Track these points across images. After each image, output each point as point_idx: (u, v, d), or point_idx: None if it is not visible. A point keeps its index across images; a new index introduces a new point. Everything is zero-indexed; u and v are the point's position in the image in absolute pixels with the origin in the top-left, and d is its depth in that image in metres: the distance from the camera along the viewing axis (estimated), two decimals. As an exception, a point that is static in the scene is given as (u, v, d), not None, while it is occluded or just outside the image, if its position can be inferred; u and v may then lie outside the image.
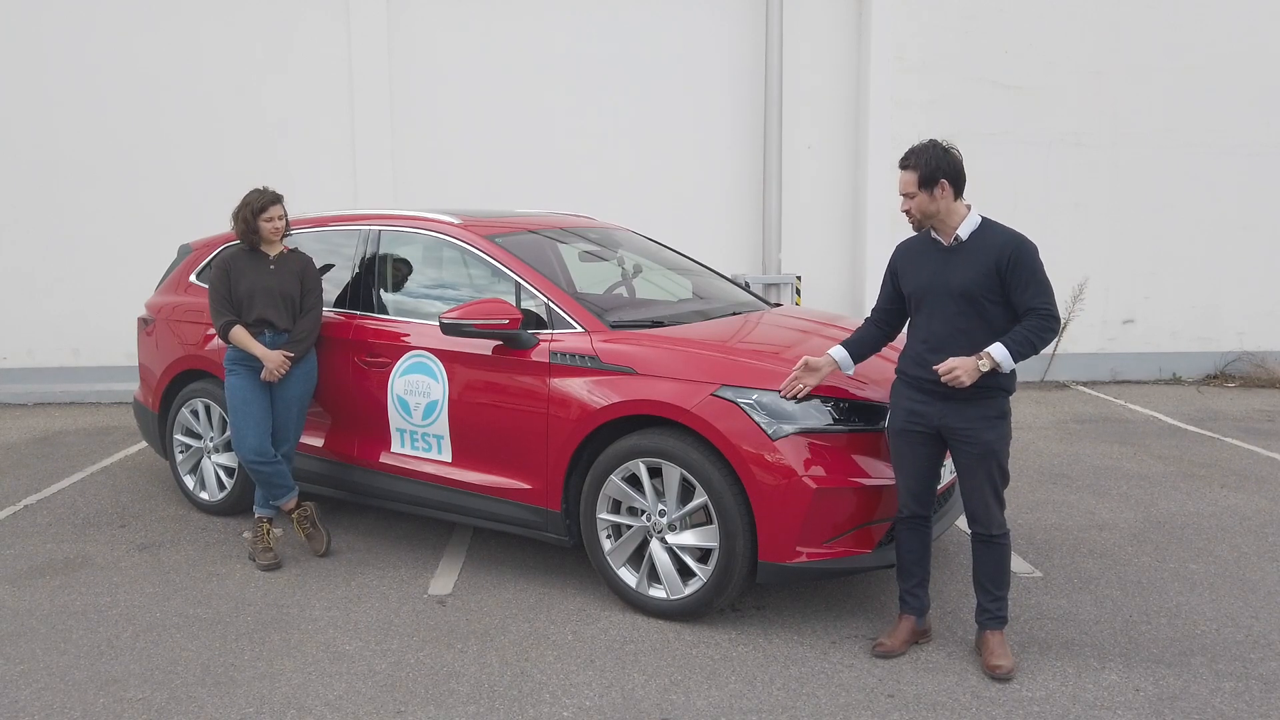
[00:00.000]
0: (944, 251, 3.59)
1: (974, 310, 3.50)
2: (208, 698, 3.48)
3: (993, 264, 3.46)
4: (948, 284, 3.52)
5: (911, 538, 3.75)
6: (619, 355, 4.12)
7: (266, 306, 4.64)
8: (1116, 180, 9.48)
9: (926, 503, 3.71)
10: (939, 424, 3.57)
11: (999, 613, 3.66)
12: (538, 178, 9.08)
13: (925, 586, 3.81)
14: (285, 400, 4.73)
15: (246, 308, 4.64)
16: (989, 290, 3.48)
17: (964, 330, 3.51)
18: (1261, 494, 5.85)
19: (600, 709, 3.38)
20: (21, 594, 4.42)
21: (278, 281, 4.68)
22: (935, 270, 3.57)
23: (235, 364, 4.67)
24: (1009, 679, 3.55)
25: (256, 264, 4.70)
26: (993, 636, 3.66)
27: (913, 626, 3.81)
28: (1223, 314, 9.75)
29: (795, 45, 9.17)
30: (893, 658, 3.73)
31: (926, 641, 3.86)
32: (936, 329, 3.55)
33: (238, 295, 4.64)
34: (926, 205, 3.54)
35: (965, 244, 3.54)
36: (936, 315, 3.56)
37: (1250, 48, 9.41)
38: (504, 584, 4.48)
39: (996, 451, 3.55)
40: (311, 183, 8.77)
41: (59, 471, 6.47)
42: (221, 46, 8.85)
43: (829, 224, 9.49)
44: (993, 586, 3.65)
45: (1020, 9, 9.29)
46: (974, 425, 3.51)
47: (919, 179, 3.52)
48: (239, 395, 4.64)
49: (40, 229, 8.87)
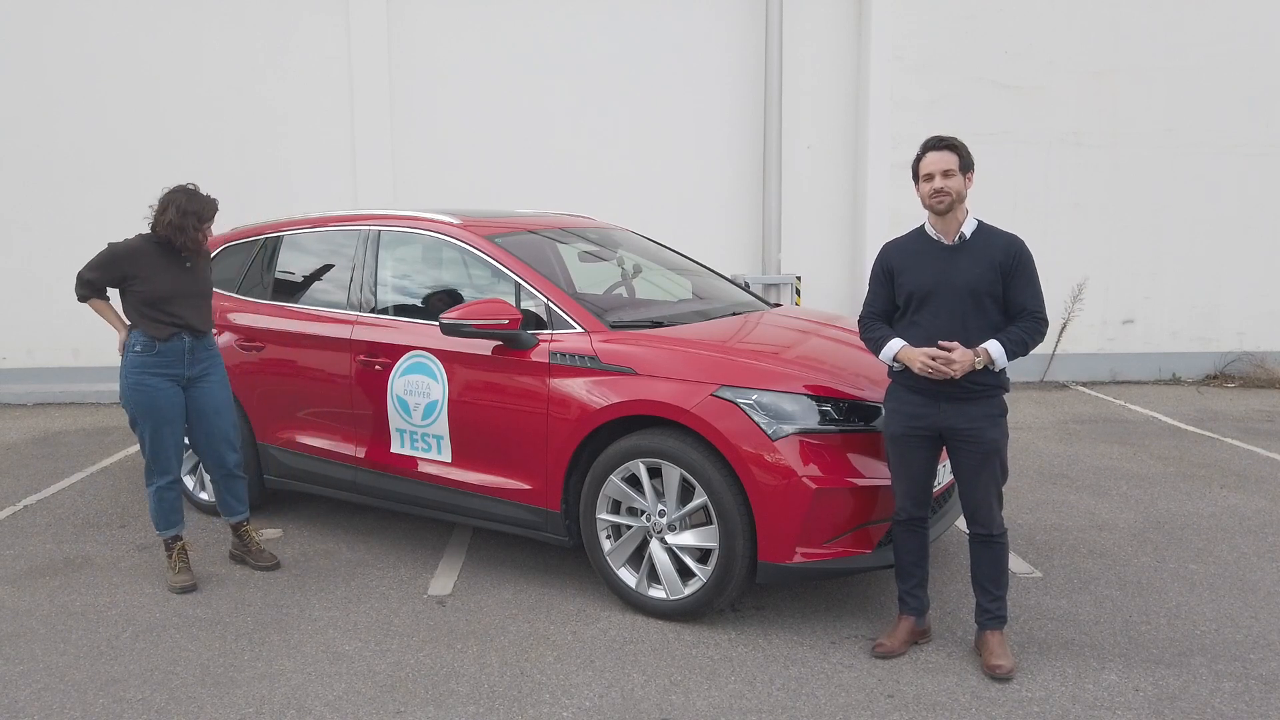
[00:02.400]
0: (947, 250, 3.60)
1: (979, 307, 3.53)
2: (207, 698, 3.48)
3: (996, 262, 3.51)
4: (954, 282, 3.54)
5: (910, 540, 3.75)
6: (619, 355, 4.12)
7: (188, 309, 4.33)
8: (1116, 180, 9.49)
9: (924, 504, 3.71)
10: (942, 426, 3.57)
11: (999, 612, 3.67)
12: (538, 178, 9.08)
13: (924, 587, 3.81)
14: (214, 410, 4.43)
15: (165, 310, 4.28)
16: (993, 287, 3.52)
17: (969, 327, 3.53)
18: (1261, 494, 5.85)
19: (600, 709, 3.38)
20: (21, 594, 4.42)
21: (196, 282, 4.39)
22: (940, 268, 3.58)
23: (143, 371, 4.28)
24: (1009, 679, 3.55)
25: (170, 261, 4.32)
26: (992, 636, 3.66)
27: (912, 627, 3.81)
28: (1222, 314, 9.75)
29: (795, 45, 9.18)
30: (893, 658, 3.73)
31: (926, 641, 3.86)
32: (942, 326, 3.56)
33: (152, 295, 4.26)
34: (961, 188, 3.56)
35: (969, 242, 3.57)
36: (943, 313, 3.57)
37: (1250, 48, 9.41)
38: (503, 584, 4.48)
39: (1000, 449, 3.57)
40: (311, 183, 8.79)
41: (59, 472, 6.47)
42: (222, 46, 8.86)
43: (829, 224, 9.49)
44: (992, 586, 3.66)
45: (1020, 9, 9.30)
46: (978, 424, 3.52)
47: (960, 162, 3.56)
48: (157, 410, 4.28)
49: (40, 229, 8.88)
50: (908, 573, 3.79)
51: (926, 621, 3.87)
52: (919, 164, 3.62)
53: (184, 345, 4.34)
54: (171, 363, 4.32)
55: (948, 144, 3.59)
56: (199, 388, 4.43)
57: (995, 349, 3.45)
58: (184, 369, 4.36)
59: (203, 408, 4.44)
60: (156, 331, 4.29)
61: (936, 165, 3.56)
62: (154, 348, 4.29)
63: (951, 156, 3.56)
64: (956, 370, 3.43)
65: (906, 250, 3.71)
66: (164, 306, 4.29)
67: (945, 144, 3.59)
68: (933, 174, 3.55)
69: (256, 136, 8.92)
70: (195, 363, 4.40)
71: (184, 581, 4.43)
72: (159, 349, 4.30)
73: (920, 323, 3.62)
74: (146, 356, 4.29)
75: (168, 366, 4.31)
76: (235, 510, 4.68)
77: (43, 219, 8.87)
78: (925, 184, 3.59)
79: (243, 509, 4.70)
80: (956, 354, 3.44)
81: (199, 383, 4.43)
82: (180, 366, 4.35)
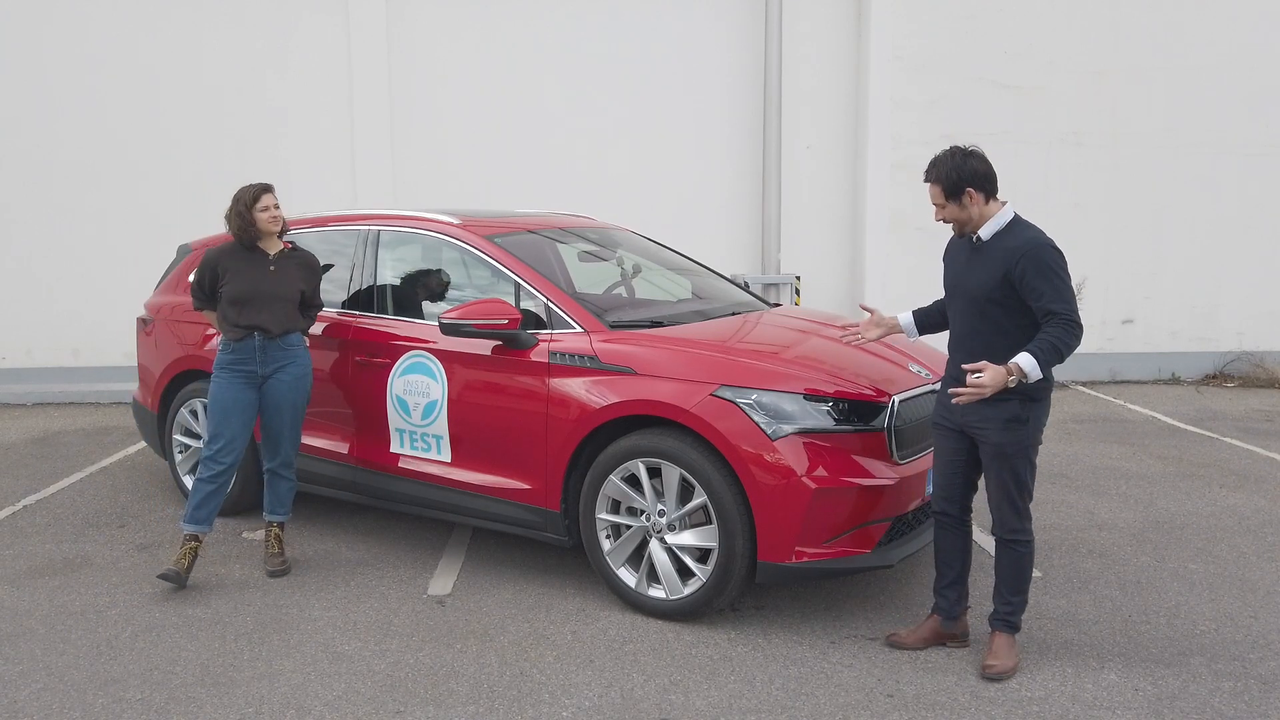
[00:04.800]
0: (971, 250, 3.58)
1: (984, 315, 3.48)
2: (207, 698, 3.48)
3: (1004, 269, 3.41)
4: (965, 284, 3.54)
5: (941, 536, 3.73)
6: (618, 355, 4.12)
7: (261, 311, 4.43)
8: (1116, 180, 9.48)
9: (954, 500, 3.66)
10: (961, 421, 3.56)
11: (1008, 616, 3.62)
12: (537, 178, 9.08)
13: (956, 588, 3.74)
14: (275, 407, 4.52)
15: (240, 310, 4.43)
16: (997, 294, 3.43)
17: (976, 331, 3.51)
18: (1261, 494, 5.85)
19: (599, 709, 3.38)
20: (21, 594, 4.42)
21: (276, 284, 4.49)
22: (961, 269, 3.59)
23: (223, 369, 4.47)
24: (999, 680, 3.52)
25: (254, 263, 4.49)
26: (997, 638, 3.64)
27: (936, 627, 3.76)
28: (1222, 314, 9.75)
29: (795, 45, 9.17)
30: (901, 649, 3.73)
31: (958, 646, 3.77)
32: (957, 327, 3.60)
33: (231, 296, 4.42)
34: (959, 214, 3.52)
35: (986, 245, 3.51)
36: (957, 314, 3.61)
37: (1250, 48, 9.41)
38: (503, 584, 4.48)
39: (1010, 456, 3.48)
40: (311, 182, 8.78)
41: (58, 471, 6.47)
42: (222, 46, 8.85)
43: (828, 224, 9.49)
44: (1005, 590, 3.62)
45: (1020, 9, 9.29)
46: (986, 425, 3.49)
47: (944, 191, 3.50)
48: (220, 402, 4.44)
49: (40, 228, 8.87)
50: (939, 570, 3.76)
51: (959, 626, 3.78)
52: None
53: (255, 344, 4.45)
54: (245, 360, 4.46)
55: (930, 177, 3.54)
56: (268, 384, 4.52)
57: (1027, 362, 3.29)
58: (257, 367, 4.48)
59: (266, 403, 4.54)
60: (230, 332, 4.48)
61: (931, 198, 3.56)
62: (230, 346, 4.48)
63: (935, 190, 3.52)
64: (987, 392, 3.32)
65: (952, 246, 3.73)
66: (239, 307, 4.44)
67: (928, 177, 3.55)
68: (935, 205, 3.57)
69: (256, 136, 8.91)
70: (269, 361, 4.50)
71: (172, 571, 4.38)
72: (233, 348, 4.47)
73: (950, 319, 3.68)
74: (224, 354, 4.49)
75: (242, 364, 4.46)
76: (269, 508, 4.71)
77: (43, 219, 8.86)
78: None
79: (276, 510, 4.69)
80: (986, 376, 3.30)
81: (269, 380, 4.52)
82: (254, 364, 4.47)
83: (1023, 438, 3.50)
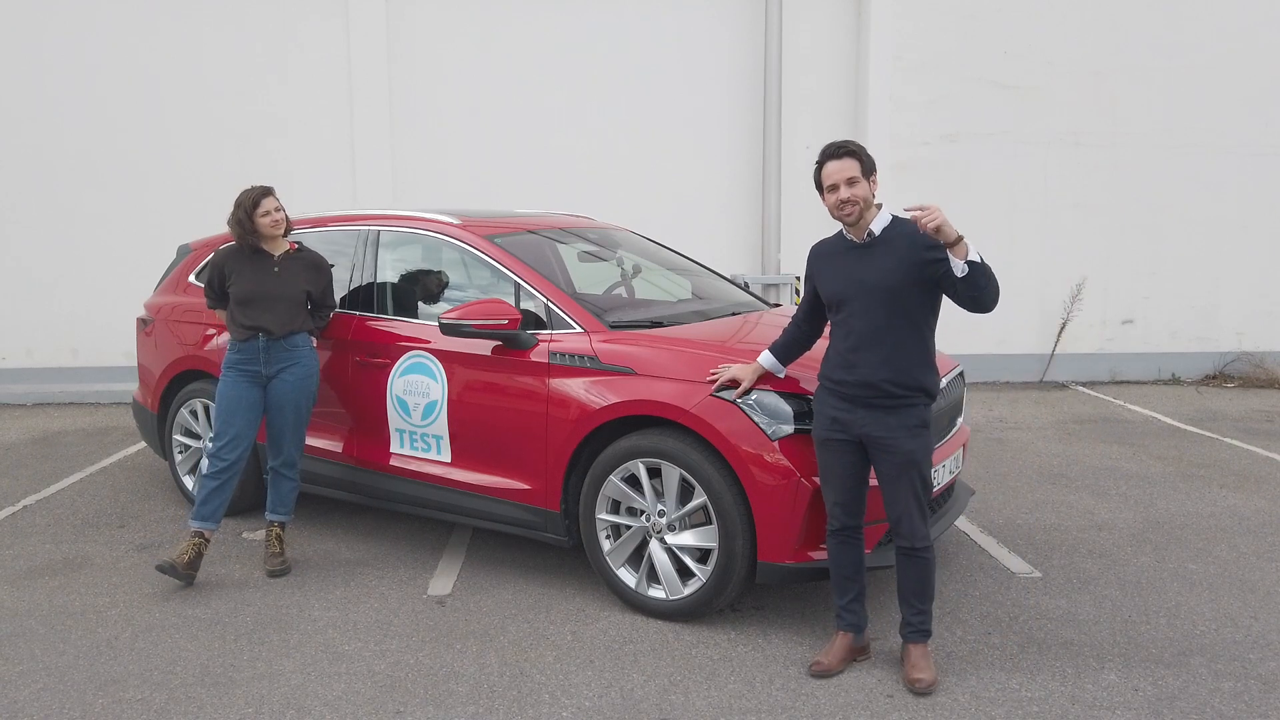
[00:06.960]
0: (858, 249, 3.49)
1: (895, 303, 3.39)
2: (207, 698, 3.48)
3: (913, 253, 3.35)
4: (865, 281, 3.43)
5: (842, 551, 3.61)
6: (618, 355, 4.12)
7: (264, 312, 4.47)
8: (1115, 180, 9.49)
9: (855, 513, 3.58)
10: (859, 432, 3.46)
11: (922, 626, 3.56)
12: (537, 178, 9.08)
13: (861, 601, 3.66)
14: (278, 407, 4.54)
15: (243, 311, 4.48)
16: (911, 279, 3.37)
17: (887, 326, 3.40)
18: (1260, 494, 5.85)
19: (599, 709, 3.38)
20: (21, 594, 4.42)
21: (280, 285, 4.53)
22: (852, 269, 3.48)
23: (230, 368, 4.52)
24: (929, 692, 3.45)
25: (257, 265, 4.53)
26: (915, 649, 3.55)
27: (850, 644, 3.67)
28: (1221, 314, 9.75)
29: (794, 45, 9.18)
30: (830, 676, 3.59)
31: (865, 659, 3.71)
32: (858, 327, 3.44)
33: (236, 297, 4.49)
34: (868, 194, 3.44)
35: (879, 239, 3.45)
36: (858, 314, 3.44)
37: (1250, 48, 9.41)
38: (503, 584, 4.48)
39: (919, 462, 3.43)
40: (311, 183, 8.78)
41: (58, 472, 6.47)
42: (222, 47, 8.86)
43: (828, 224, 9.34)
44: (915, 600, 3.54)
45: (1019, 9, 9.30)
46: (895, 434, 3.41)
47: (862, 167, 3.43)
48: (226, 400, 4.49)
49: (40, 229, 8.87)
50: (842, 587, 3.63)
51: (865, 638, 3.72)
52: (819, 174, 3.48)
53: (259, 345, 4.49)
54: (249, 360, 4.51)
55: (847, 150, 3.45)
56: (272, 384, 4.55)
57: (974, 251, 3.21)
58: (261, 367, 4.52)
59: (269, 403, 4.57)
60: (236, 332, 4.54)
61: (839, 174, 3.41)
62: (236, 346, 4.54)
63: (852, 163, 3.42)
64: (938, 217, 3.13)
65: (823, 254, 3.65)
66: (243, 308, 4.50)
67: (844, 150, 3.45)
68: (836, 184, 3.42)
69: (256, 137, 8.91)
70: (272, 362, 4.53)
71: (167, 564, 4.38)
72: (239, 347, 4.53)
73: (839, 326, 3.53)
74: (231, 353, 4.55)
75: (247, 364, 4.51)
76: (271, 508, 4.71)
77: (43, 219, 8.86)
78: (830, 195, 3.45)
79: (277, 510, 4.69)
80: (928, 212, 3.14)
81: (273, 380, 4.55)
82: (258, 364, 4.51)
83: (928, 441, 3.48)
